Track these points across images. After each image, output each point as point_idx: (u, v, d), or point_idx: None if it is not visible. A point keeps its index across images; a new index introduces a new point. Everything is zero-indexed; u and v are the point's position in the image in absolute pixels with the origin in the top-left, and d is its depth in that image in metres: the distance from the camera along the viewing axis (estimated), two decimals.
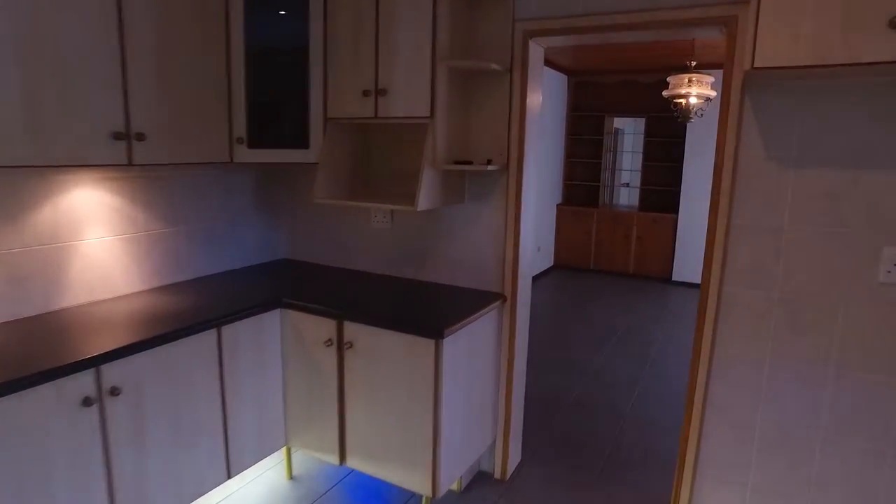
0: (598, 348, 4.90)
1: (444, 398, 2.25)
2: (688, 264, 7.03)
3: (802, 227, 2.07)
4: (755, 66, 1.75)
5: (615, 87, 7.50)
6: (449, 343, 2.23)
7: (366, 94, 2.52)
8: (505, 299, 2.70)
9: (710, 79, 4.35)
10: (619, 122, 7.95)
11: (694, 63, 4.47)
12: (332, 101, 2.64)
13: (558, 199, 7.85)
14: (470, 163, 2.58)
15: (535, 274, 7.26)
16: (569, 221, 7.69)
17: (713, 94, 4.36)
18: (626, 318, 5.79)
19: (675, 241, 7.07)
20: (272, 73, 2.65)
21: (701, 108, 4.51)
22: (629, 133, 7.89)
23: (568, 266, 7.81)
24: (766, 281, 2.15)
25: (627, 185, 7.85)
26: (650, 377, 4.31)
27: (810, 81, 1.97)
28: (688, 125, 6.77)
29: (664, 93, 4.49)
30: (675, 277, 7.13)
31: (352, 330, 2.40)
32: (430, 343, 2.21)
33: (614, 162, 8.27)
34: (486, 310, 2.52)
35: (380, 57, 2.47)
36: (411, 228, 2.94)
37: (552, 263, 7.87)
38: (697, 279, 7.48)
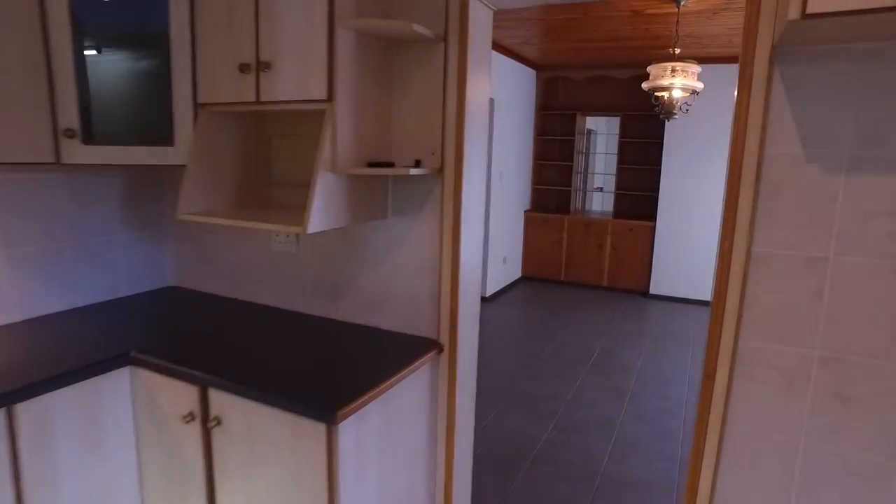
0: (568, 378, 4.24)
1: (343, 495, 1.55)
2: (666, 277, 6.44)
3: (856, 257, 1.43)
4: (807, 12, 1.10)
5: (588, 84, 6.90)
6: (348, 427, 1.54)
7: (244, 69, 1.82)
8: (441, 349, 2.01)
9: (697, 68, 3.74)
10: (592, 122, 7.36)
11: (678, 50, 3.85)
12: (204, 80, 1.92)
13: (526, 204, 7.21)
14: (391, 165, 1.89)
15: (500, 287, 6.60)
16: (538, 229, 7.05)
17: (700, 85, 3.75)
18: (600, 339, 5.15)
19: (652, 251, 6.48)
20: (114, 38, 1.93)
21: (686, 103, 3.89)
22: (603, 133, 7.30)
23: (537, 277, 7.17)
24: (803, 333, 1.51)
25: (601, 189, 7.25)
26: (629, 417, 3.66)
27: (880, 43, 1.33)
28: (666, 124, 6.19)
29: (644, 84, 3.87)
30: (652, 290, 6.54)
31: (220, 401, 1.69)
32: (321, 428, 1.51)
33: (587, 165, 7.69)
34: (412, 367, 1.82)
35: (260, 17, 1.77)
36: (322, 252, 2.24)
37: (520, 275, 7.23)
38: (677, 293, 7.06)
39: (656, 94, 3.93)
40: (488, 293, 6.24)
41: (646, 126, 6.65)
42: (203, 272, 2.57)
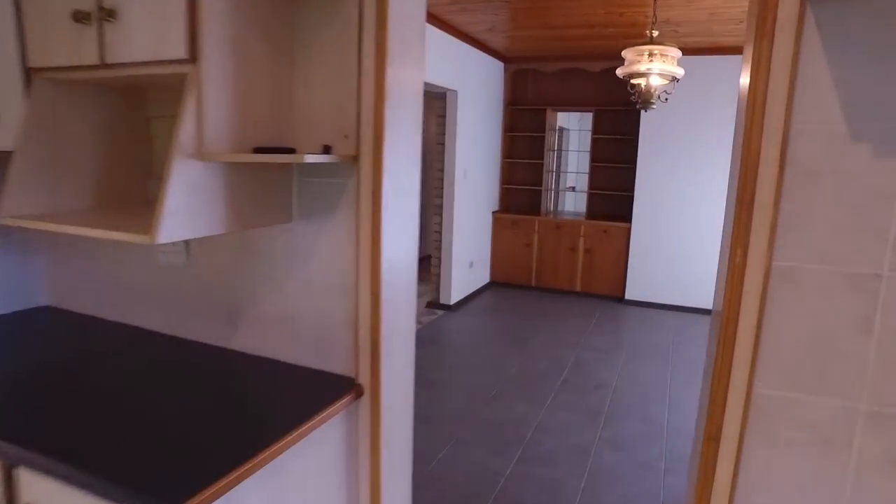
0: (537, 398, 3.81)
1: None
2: (642, 281, 6.07)
3: None
4: None
5: (558, 77, 6.50)
6: None
7: (80, 18, 1.33)
8: (360, 391, 1.55)
9: (676, 52, 3.35)
10: (563, 118, 6.96)
11: (656, 33, 3.46)
12: (33, 35, 1.43)
13: (494, 205, 6.78)
14: (290, 151, 1.43)
15: (466, 294, 6.16)
16: (507, 231, 6.63)
17: (680, 71, 3.35)
18: (573, 350, 4.74)
19: (627, 254, 6.10)
20: None
21: (665, 91, 3.49)
22: (575, 129, 6.92)
23: (506, 283, 6.75)
24: (844, 378, 1.09)
25: (573, 189, 6.86)
26: (604, 444, 3.24)
27: None
28: (641, 120, 5.82)
29: (619, 71, 3.46)
30: (628, 296, 6.16)
31: (33, 485, 1.20)
32: None
33: (558, 163, 7.30)
34: (317, 419, 1.36)
35: None
36: (217, 266, 1.76)
37: (488, 280, 6.79)
38: (654, 298, 6.49)
39: (632, 81, 3.52)
40: (452, 301, 5.79)
41: (620, 121, 6.28)
42: (82, 290, 2.06)
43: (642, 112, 5.79)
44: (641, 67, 3.32)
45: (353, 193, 1.49)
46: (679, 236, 5.85)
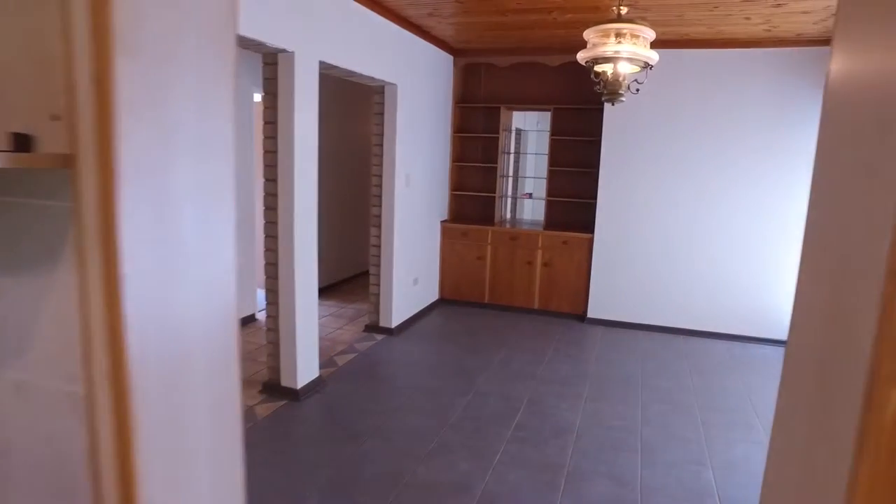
0: (484, 452, 3.14)
1: None
2: (607, 298, 5.48)
3: None
4: None
5: (513, 72, 5.87)
6: None
7: None
8: None
9: (650, 32, 2.73)
10: (520, 118, 6.34)
11: (624, 10, 2.83)
12: None
13: (443, 214, 6.10)
14: None
15: (411, 315, 5.45)
16: (457, 243, 5.96)
17: (654, 56, 2.74)
18: (529, 384, 4.09)
19: (590, 268, 5.50)
20: None
21: (636, 80, 2.87)
22: (534, 130, 6.31)
23: (457, 300, 6.07)
24: None
25: (530, 196, 6.25)
26: None
27: None
28: (605, 119, 5.23)
29: (580, 55, 2.82)
30: (591, 314, 5.56)
31: None
32: None
33: (517, 167, 6.66)
34: None
35: None
36: None
37: (437, 297, 6.10)
38: (620, 316, 5.63)
39: (596, 68, 2.89)
40: (394, 323, 5.08)
41: (581, 121, 5.69)
42: None
43: (605, 111, 5.21)
44: (608, 50, 2.69)
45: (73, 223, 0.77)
46: (647, 247, 5.29)
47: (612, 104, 2.85)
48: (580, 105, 5.58)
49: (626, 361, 4.62)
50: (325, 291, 6.35)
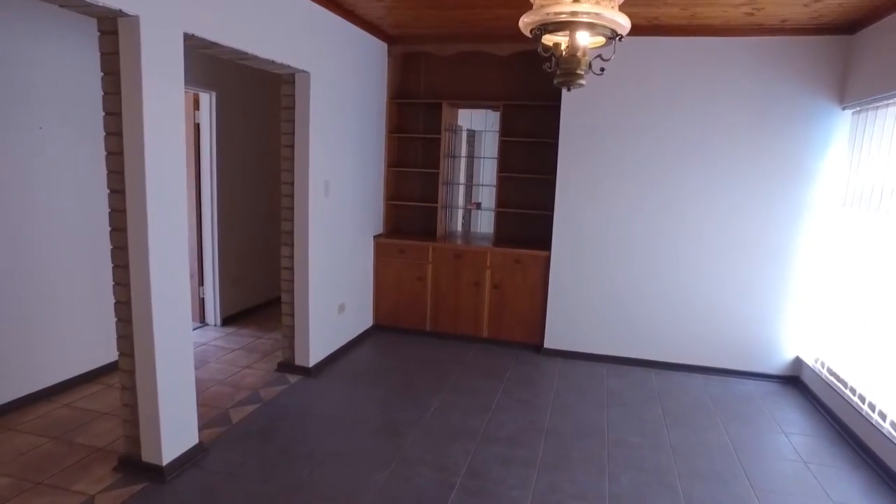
0: None
1: None
2: (566, 325, 4.72)
3: None
4: None
5: (456, 63, 5.08)
6: None
7: None
8: None
9: None
10: (473, 117, 5.53)
11: None
12: None
13: (377, 227, 5.25)
14: None
15: (337, 348, 4.58)
16: (393, 262, 5.11)
17: (625, 23, 1.95)
18: (470, 444, 3.27)
19: (547, 290, 4.73)
20: None
21: (601, 56, 2.08)
22: (481, 129, 5.51)
23: (394, 327, 5.22)
24: None
25: (479, 206, 5.45)
26: None
27: None
28: (562, 116, 4.47)
29: (523, 20, 2.01)
30: (548, 344, 4.79)
31: None
32: None
33: (469, 172, 5.80)
34: None
35: None
36: None
37: (371, 323, 5.24)
38: (580, 346, 4.65)
39: (545, 40, 2.10)
40: (312, 361, 4.20)
41: (536, 120, 4.93)
42: None
43: (563, 108, 4.45)
44: (562, 12, 1.89)
45: None
46: (611, 267, 4.55)
47: (569, 89, 2.05)
48: (534, 101, 4.82)
49: (589, 407, 3.84)
50: (238, 319, 5.43)
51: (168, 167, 2.66)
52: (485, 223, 5.52)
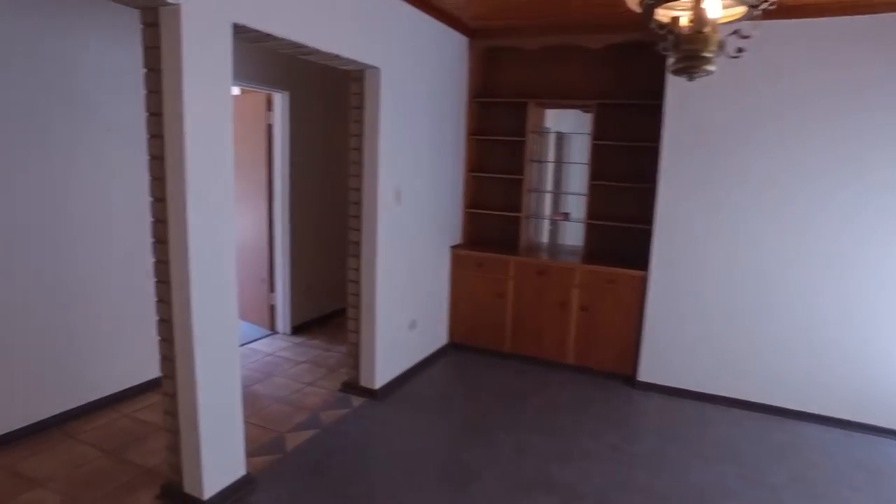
0: None
1: None
2: (666, 356, 4.10)
3: None
4: None
5: (545, 58, 4.59)
6: None
7: None
8: None
9: None
10: (552, 116, 5.02)
11: None
12: None
13: (454, 237, 4.86)
14: None
15: (407, 368, 4.23)
16: (471, 275, 4.70)
17: None
18: (549, 499, 2.79)
19: (643, 315, 4.14)
20: None
21: (739, 34, 1.54)
22: (578, 133, 4.97)
23: (471, 346, 4.81)
24: None
25: (567, 217, 4.92)
26: None
27: None
28: (667, 117, 3.87)
29: None
30: (643, 376, 4.19)
31: None
32: None
33: (556, 179, 5.26)
34: None
35: None
36: None
37: (446, 341, 4.86)
38: (682, 382, 3.82)
39: (658, 14, 1.60)
40: (378, 383, 3.87)
41: (634, 121, 4.35)
42: None
43: (668, 107, 3.85)
44: None
45: None
46: (722, 291, 3.88)
47: (690, 77, 1.55)
48: (632, 100, 4.24)
49: (695, 462, 3.23)
50: (309, 328, 5.23)
51: (214, 174, 2.39)
52: (572, 236, 4.98)
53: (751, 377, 3.87)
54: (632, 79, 4.33)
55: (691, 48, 1.50)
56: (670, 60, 1.54)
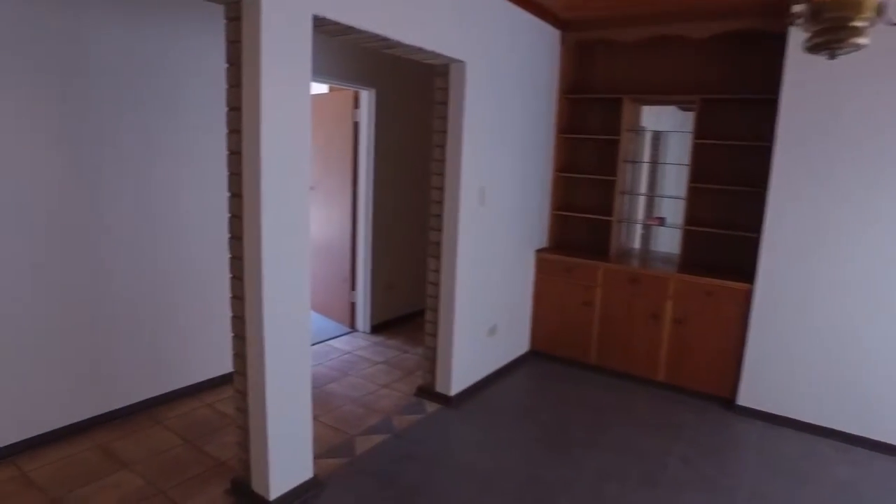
0: None
1: None
2: (772, 379, 3.68)
3: None
4: None
5: (644, 50, 4.27)
6: None
7: None
8: None
9: None
10: (649, 113, 4.67)
11: None
12: None
13: (540, 241, 4.63)
14: None
15: (484, 375, 4.07)
16: (557, 281, 4.46)
17: None
18: None
19: (745, 332, 3.73)
20: None
21: None
22: (674, 131, 4.61)
23: (553, 355, 4.57)
24: None
25: (662, 222, 4.55)
26: None
27: None
28: (781, 113, 3.45)
29: None
30: (743, 400, 3.79)
31: None
32: None
33: (649, 181, 4.91)
34: None
35: None
36: None
37: (527, 349, 4.65)
38: (790, 410, 3.42)
39: None
40: (454, 390, 3.73)
41: (742, 118, 3.95)
42: None
43: (783, 100, 3.44)
44: None
45: None
46: (843, 310, 3.42)
47: (832, 55, 1.27)
48: (741, 94, 3.85)
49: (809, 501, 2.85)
50: (389, 327, 5.19)
51: (289, 170, 2.34)
52: (665, 242, 4.62)
53: (877, 411, 3.38)
54: (740, 71, 3.94)
55: (837, 16, 1.23)
56: (805, 37, 1.28)
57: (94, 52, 2.93)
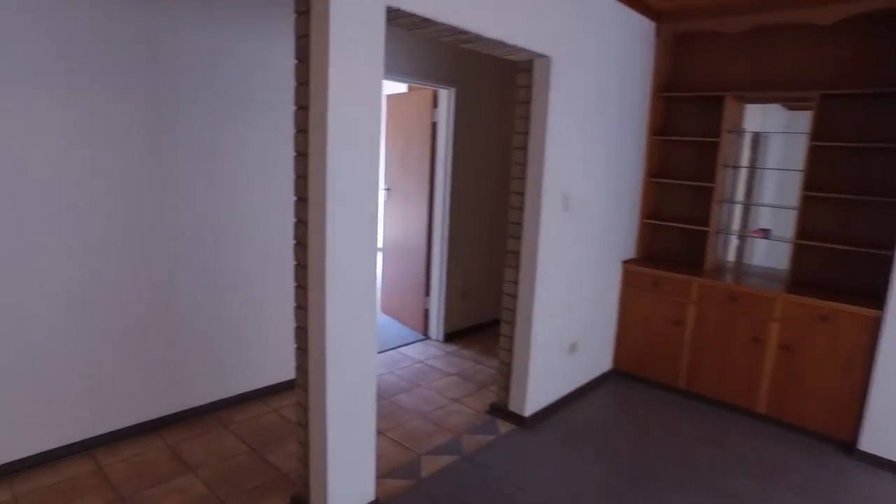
0: None
1: None
2: None
3: None
4: None
5: (751, 41, 3.83)
6: None
7: None
8: None
9: None
10: (756, 113, 4.19)
11: None
12: None
13: (628, 251, 4.28)
14: None
15: (562, 395, 3.78)
16: (645, 295, 4.10)
17: None
18: None
19: (872, 365, 3.24)
20: None
21: None
22: (776, 132, 4.12)
23: (637, 375, 4.21)
24: None
25: (767, 234, 4.07)
26: None
27: None
28: None
29: None
30: (867, 446, 3.28)
31: None
32: None
33: (747, 188, 4.43)
34: None
35: None
36: None
37: (610, 367, 4.31)
38: None
39: None
40: (528, 410, 3.48)
41: (869, 117, 3.45)
42: None
43: None
44: None
45: None
46: None
47: None
48: (871, 88, 3.35)
49: None
50: (463, 336, 5.00)
51: (358, 172, 2.18)
52: (769, 257, 4.13)
53: None
54: (871, 63, 3.43)
55: None
56: None
57: (166, 50, 2.91)
